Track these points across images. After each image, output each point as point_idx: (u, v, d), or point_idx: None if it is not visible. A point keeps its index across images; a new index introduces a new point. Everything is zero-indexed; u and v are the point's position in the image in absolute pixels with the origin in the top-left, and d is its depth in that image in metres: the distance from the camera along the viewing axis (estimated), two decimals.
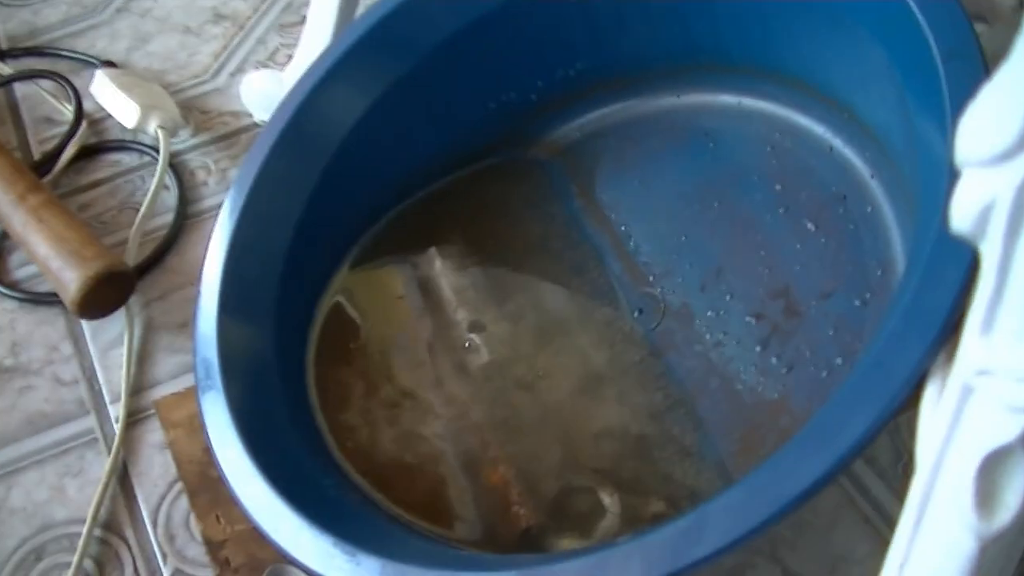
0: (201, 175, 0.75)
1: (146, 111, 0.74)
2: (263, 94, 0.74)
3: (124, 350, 0.65)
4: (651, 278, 0.60)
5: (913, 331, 0.40)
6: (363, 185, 0.64)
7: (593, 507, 0.52)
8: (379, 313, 0.62)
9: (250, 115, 0.78)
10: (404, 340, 0.60)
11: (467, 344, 0.59)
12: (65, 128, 0.78)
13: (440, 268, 0.62)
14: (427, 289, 0.62)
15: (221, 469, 0.51)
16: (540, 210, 0.65)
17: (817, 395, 0.52)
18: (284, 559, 0.48)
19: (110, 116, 0.78)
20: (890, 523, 0.53)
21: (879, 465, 0.55)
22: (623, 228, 0.62)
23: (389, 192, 0.66)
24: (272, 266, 0.59)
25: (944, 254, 0.41)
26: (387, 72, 0.63)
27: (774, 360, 0.54)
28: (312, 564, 0.46)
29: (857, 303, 0.54)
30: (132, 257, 0.69)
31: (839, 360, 0.52)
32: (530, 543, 0.52)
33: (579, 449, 0.55)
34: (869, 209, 0.56)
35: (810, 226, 0.57)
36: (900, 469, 0.55)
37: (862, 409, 0.39)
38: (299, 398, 0.57)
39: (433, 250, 0.63)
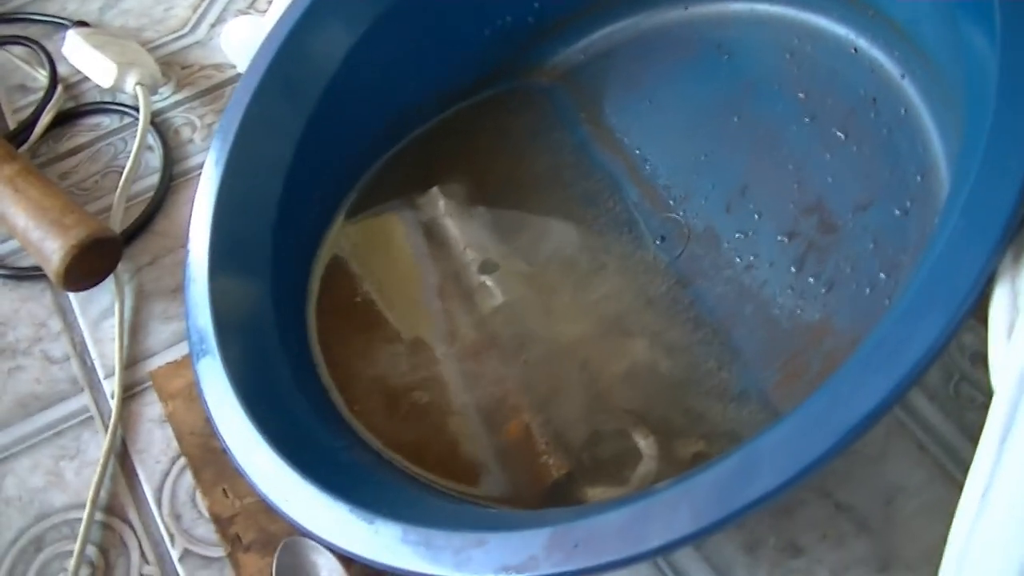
0: (186, 132, 0.70)
1: (123, 69, 0.70)
2: (245, 42, 0.70)
3: (115, 321, 0.61)
4: (672, 202, 0.56)
5: (976, 229, 0.36)
6: (355, 127, 0.60)
7: (627, 451, 0.49)
8: (382, 260, 0.58)
9: (234, 66, 0.73)
10: (411, 287, 0.57)
11: (479, 287, 0.56)
12: (40, 95, 0.73)
13: (444, 209, 0.59)
14: (432, 232, 0.58)
15: (223, 439, 0.47)
16: (546, 140, 0.61)
17: (861, 314, 0.48)
18: (298, 531, 0.44)
19: (86, 78, 0.73)
20: (946, 448, 0.50)
21: (929, 387, 0.51)
22: (637, 152, 0.58)
23: (383, 133, 0.62)
24: (264, 219, 0.55)
25: (1003, 143, 0.37)
26: (372, 4, 0.59)
27: (812, 280, 0.50)
28: (327, 535, 0.43)
29: (897, 213, 0.50)
30: (118, 223, 0.65)
31: (882, 275, 0.48)
32: (561, 495, 0.48)
33: (607, 391, 0.51)
34: (903, 111, 0.52)
35: (839, 134, 0.53)
36: (952, 389, 0.51)
37: (925, 320, 0.35)
38: (302, 357, 0.54)
39: (435, 190, 0.60)
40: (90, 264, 0.60)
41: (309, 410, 0.50)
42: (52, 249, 0.58)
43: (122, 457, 0.56)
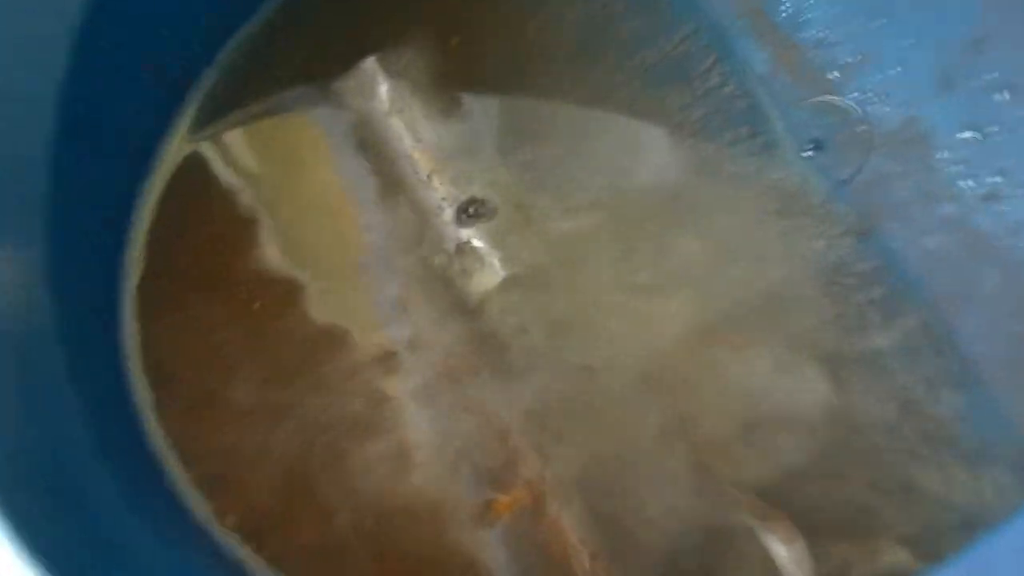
0: None
1: None
2: None
3: None
4: (835, 74, 0.55)
5: None
6: None
7: (755, 569, 0.47)
8: (271, 203, 0.57)
9: None
10: (331, 248, 0.56)
11: (458, 250, 0.54)
12: None
13: (388, 100, 0.57)
14: (366, 144, 0.57)
15: None
16: None
17: None
18: None
19: None
20: None
21: None
22: None
23: None
24: (32, 132, 0.53)
25: None
26: None
27: None
28: None
29: None
30: None
31: None
32: None
33: (713, 452, 0.50)
34: None
35: None
36: None
37: None
38: (110, 391, 0.52)
39: (370, 64, 0.58)
40: None
41: (122, 497, 0.49)
42: None
43: None
